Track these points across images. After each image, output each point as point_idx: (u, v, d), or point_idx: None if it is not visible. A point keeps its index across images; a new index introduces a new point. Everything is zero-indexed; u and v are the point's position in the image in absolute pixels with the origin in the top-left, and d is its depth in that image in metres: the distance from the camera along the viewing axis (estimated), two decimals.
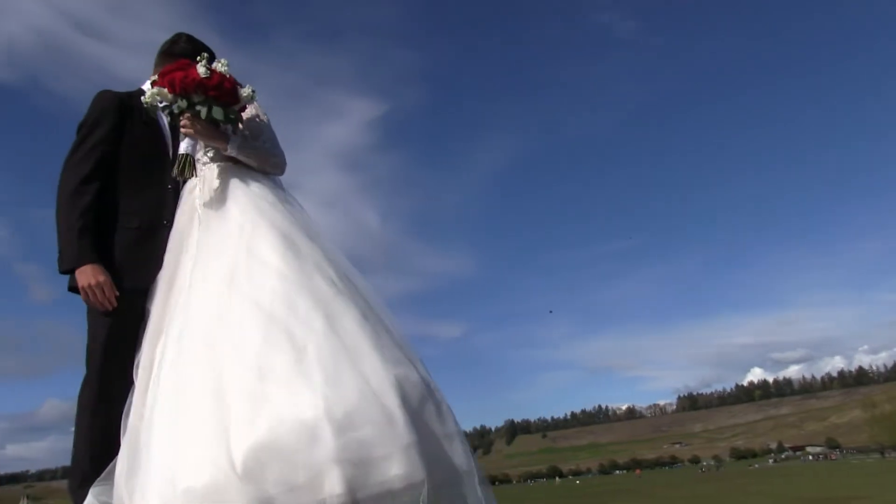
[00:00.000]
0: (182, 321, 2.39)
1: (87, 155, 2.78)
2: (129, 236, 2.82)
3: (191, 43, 3.09)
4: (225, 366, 2.12)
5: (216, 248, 2.51)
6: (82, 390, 2.69)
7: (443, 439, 2.13)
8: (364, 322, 2.28)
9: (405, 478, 1.91)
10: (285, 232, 2.52)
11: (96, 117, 2.85)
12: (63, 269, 2.68)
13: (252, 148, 2.81)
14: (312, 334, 2.16)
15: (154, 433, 2.15)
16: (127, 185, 2.85)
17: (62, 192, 2.74)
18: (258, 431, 1.92)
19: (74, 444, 2.66)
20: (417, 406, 2.10)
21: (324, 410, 1.92)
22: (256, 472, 1.88)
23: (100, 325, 2.70)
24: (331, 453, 1.87)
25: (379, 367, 2.10)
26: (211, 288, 2.39)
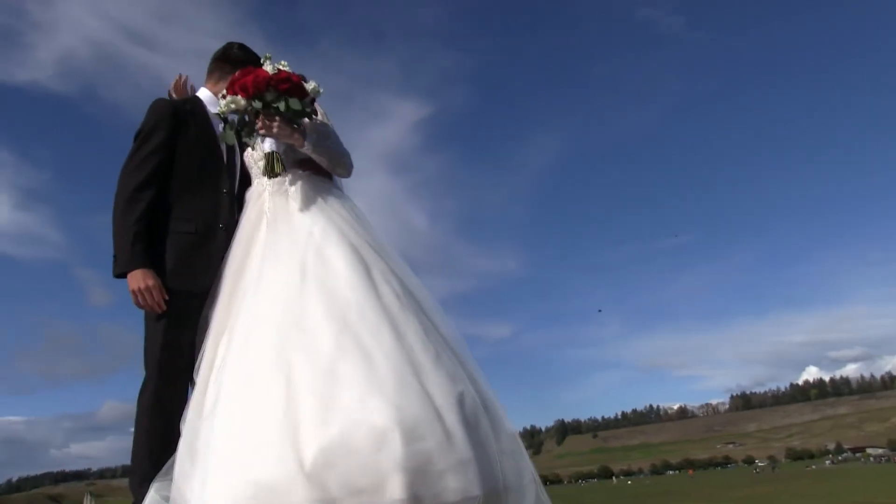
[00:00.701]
0: (249, 322, 2.44)
1: (143, 162, 2.86)
2: (185, 241, 2.87)
3: (243, 51, 3.19)
4: (296, 367, 2.18)
5: (285, 252, 2.56)
6: (142, 392, 2.76)
7: (498, 455, 2.19)
8: (426, 338, 2.36)
9: (461, 492, 1.99)
10: (354, 243, 2.58)
11: (152, 125, 2.92)
12: (116, 273, 2.76)
13: (325, 147, 2.86)
14: (381, 345, 2.23)
15: (219, 428, 2.21)
16: (182, 191, 2.92)
17: (118, 199, 2.82)
18: (329, 432, 1.99)
19: (134, 444, 2.74)
20: (475, 423, 2.17)
21: (395, 418, 1.99)
22: (323, 471, 1.94)
23: (156, 329, 2.78)
24: (397, 460, 1.93)
25: (441, 384, 2.19)
26: (281, 291, 2.44)
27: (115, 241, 2.80)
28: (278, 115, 2.74)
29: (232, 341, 2.47)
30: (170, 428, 2.64)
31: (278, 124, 2.75)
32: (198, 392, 2.50)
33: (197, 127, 3.02)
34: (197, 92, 3.21)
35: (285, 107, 2.71)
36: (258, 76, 2.70)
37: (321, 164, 2.89)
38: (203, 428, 2.33)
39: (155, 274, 2.75)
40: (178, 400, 2.71)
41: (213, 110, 3.06)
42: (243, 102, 2.71)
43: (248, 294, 2.54)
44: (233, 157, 3.11)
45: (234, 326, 2.48)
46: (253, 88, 2.69)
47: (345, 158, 2.95)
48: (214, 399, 2.35)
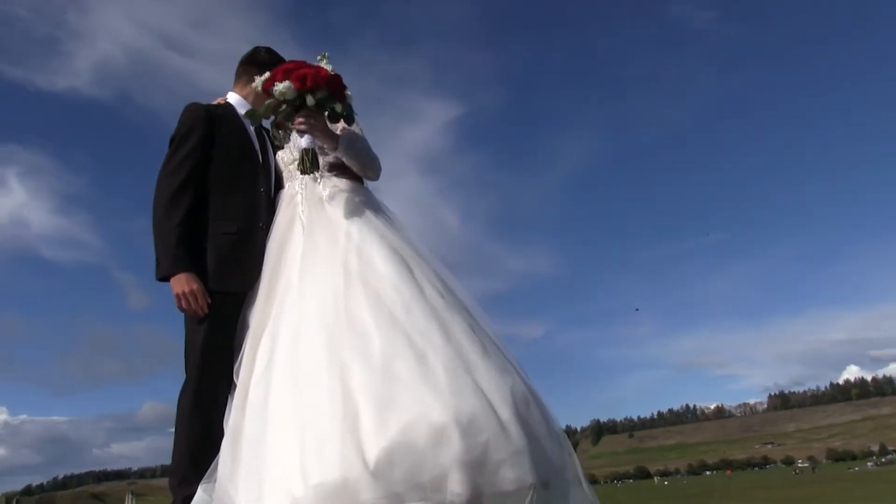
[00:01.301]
0: (296, 324, 2.45)
1: (179, 165, 2.89)
2: (225, 242, 2.89)
3: (270, 54, 3.22)
4: (350, 368, 2.20)
5: (325, 254, 2.57)
6: (182, 393, 2.78)
7: (547, 443, 2.26)
8: (472, 333, 2.41)
9: (517, 481, 2.04)
10: (393, 244, 2.60)
11: (187, 129, 2.95)
12: (159, 276, 2.79)
13: (356, 150, 2.87)
14: (430, 342, 2.27)
15: (272, 431, 2.23)
16: (220, 193, 2.94)
17: (158, 203, 2.85)
18: (390, 432, 2.01)
19: (175, 445, 2.76)
20: (525, 413, 2.21)
21: (452, 416, 2.02)
22: (387, 470, 1.97)
23: (197, 330, 2.80)
24: (456, 455, 1.98)
25: (491, 377, 2.23)
26: (327, 293, 2.45)
27: (156, 245, 2.82)
28: (326, 114, 2.76)
29: (277, 343, 2.45)
30: (209, 429, 2.68)
31: (320, 123, 2.77)
32: (239, 393, 2.52)
33: (230, 129, 3.04)
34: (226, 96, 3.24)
35: (337, 108, 2.72)
36: (319, 72, 2.69)
37: (351, 167, 2.92)
38: (248, 429, 2.35)
39: (197, 277, 2.78)
40: (218, 401, 2.74)
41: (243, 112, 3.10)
42: (294, 93, 2.70)
43: (290, 296, 2.55)
44: (267, 157, 3.12)
45: (278, 328, 2.50)
46: (311, 82, 2.67)
47: (374, 162, 2.97)
48: (262, 400, 2.36)
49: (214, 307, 2.79)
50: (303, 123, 2.74)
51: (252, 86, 2.94)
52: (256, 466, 2.22)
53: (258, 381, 2.44)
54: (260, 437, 2.27)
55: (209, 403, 2.74)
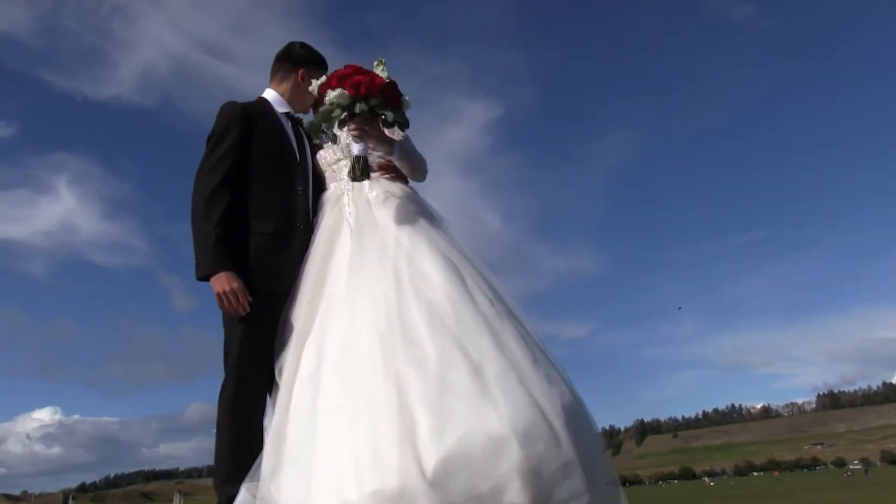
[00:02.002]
0: (348, 330, 2.43)
1: (217, 164, 2.87)
2: (264, 241, 2.87)
3: (305, 49, 3.22)
4: (406, 378, 2.19)
5: (375, 259, 2.55)
6: (221, 393, 2.78)
7: (594, 451, 2.30)
8: (524, 344, 2.39)
9: (569, 490, 2.05)
10: (443, 250, 2.59)
11: (224, 127, 2.92)
12: (199, 276, 2.77)
13: (407, 153, 2.88)
14: (484, 352, 2.26)
15: (323, 436, 2.23)
16: (258, 191, 2.93)
17: (196, 203, 2.84)
18: (448, 442, 2.01)
19: (217, 444, 2.77)
20: (574, 423, 2.21)
21: (509, 426, 2.03)
22: (444, 480, 1.97)
23: (235, 330, 2.79)
24: (514, 466, 1.98)
25: (542, 387, 2.23)
26: (379, 299, 2.43)
27: (196, 245, 2.80)
28: (380, 121, 2.74)
29: (326, 347, 2.44)
30: (249, 428, 2.71)
31: (375, 130, 2.75)
32: (282, 395, 2.52)
33: (268, 127, 3.02)
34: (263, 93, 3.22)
35: (390, 115, 2.70)
36: (373, 80, 2.67)
37: (402, 169, 2.92)
38: (293, 431, 2.37)
39: (238, 276, 2.75)
40: (257, 401, 2.76)
41: (281, 110, 3.11)
42: (349, 100, 2.66)
43: (338, 300, 2.54)
44: (304, 156, 3.10)
45: (326, 332, 2.49)
46: (365, 90, 2.65)
47: (423, 164, 3.00)
48: (310, 404, 2.36)
49: (252, 307, 2.77)
50: (356, 130, 2.71)
51: (308, 88, 2.96)
52: (303, 468, 2.23)
53: (304, 383, 2.44)
54: (308, 439, 2.27)
55: (248, 403, 2.75)
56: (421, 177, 3.02)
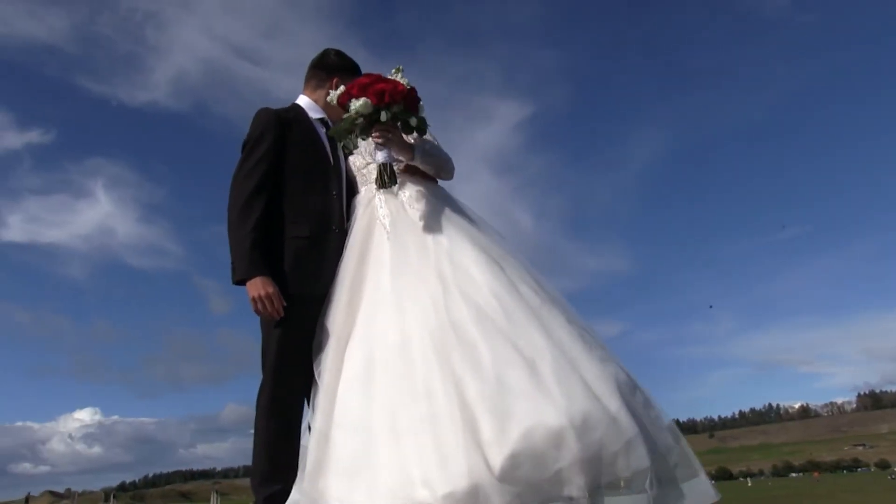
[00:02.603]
0: (398, 332, 2.46)
1: (253, 170, 2.91)
2: (299, 245, 2.90)
3: (339, 57, 3.27)
4: (463, 379, 2.24)
5: (417, 261, 2.59)
6: (259, 395, 2.81)
7: (654, 425, 2.33)
8: (571, 328, 2.46)
9: (632, 467, 2.12)
10: (482, 246, 2.63)
11: (259, 133, 2.97)
12: (235, 280, 2.81)
13: (430, 155, 2.92)
14: (535, 345, 2.32)
15: (382, 439, 2.26)
16: (294, 196, 2.96)
17: (232, 208, 2.88)
18: (511, 440, 2.08)
19: (254, 445, 2.80)
20: (630, 400, 2.28)
21: (567, 419, 2.09)
22: (512, 475, 2.05)
23: (272, 333, 2.82)
24: (574, 456, 2.06)
25: (595, 370, 2.30)
26: (426, 301, 2.47)
27: (232, 249, 2.84)
28: (401, 127, 2.80)
29: (375, 351, 2.46)
30: (287, 430, 2.75)
31: (397, 136, 2.81)
32: (324, 398, 2.53)
33: (302, 133, 3.07)
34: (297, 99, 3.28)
35: (412, 121, 2.77)
36: (396, 87, 2.73)
37: (427, 171, 2.96)
38: (339, 434, 2.40)
39: (273, 281, 2.79)
40: (295, 403, 2.79)
41: (315, 116, 3.16)
42: (372, 108, 2.73)
43: (382, 303, 2.56)
44: (338, 161, 3.14)
45: (373, 334, 2.52)
46: (389, 98, 2.72)
47: (448, 164, 3.02)
48: (361, 406, 2.39)
49: (290, 310, 2.80)
50: (380, 137, 2.78)
51: (327, 99, 3.01)
52: (361, 471, 2.25)
53: (352, 386, 2.46)
54: (364, 443, 2.30)
55: (286, 405, 2.78)
56: (448, 176, 3.05)
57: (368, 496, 2.18)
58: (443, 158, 3.00)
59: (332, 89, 3.09)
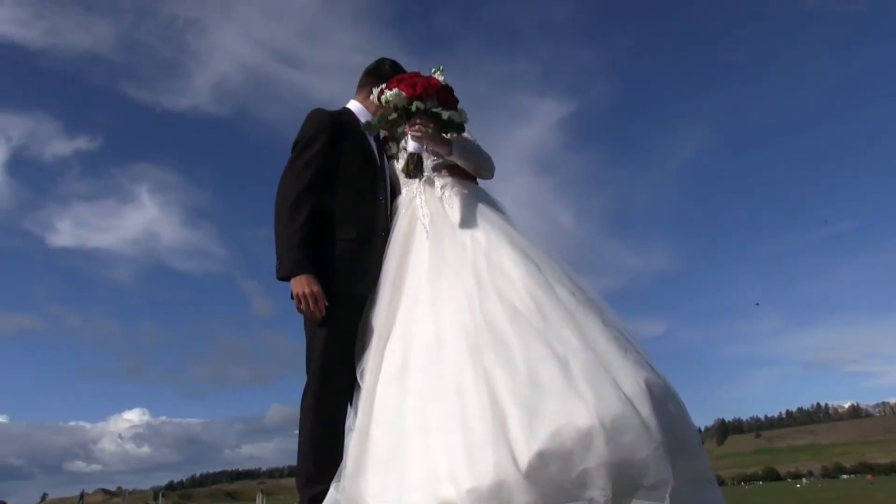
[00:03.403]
0: (432, 329, 2.48)
1: (303, 169, 2.94)
2: (346, 247, 2.93)
3: (394, 68, 3.30)
4: (494, 375, 2.23)
5: (454, 259, 2.62)
6: (304, 395, 2.83)
7: (684, 434, 2.29)
8: (607, 331, 2.43)
9: (658, 475, 2.07)
10: (520, 245, 2.63)
11: (311, 134, 3.01)
12: (280, 276, 2.84)
13: (469, 153, 2.94)
14: (569, 346, 2.30)
15: (413, 436, 2.28)
16: (342, 198, 2.98)
17: (281, 206, 2.90)
18: (540, 438, 2.06)
19: (299, 446, 2.82)
20: (663, 407, 2.23)
21: (597, 420, 2.07)
22: (538, 474, 2.03)
23: (317, 333, 2.84)
24: (602, 458, 2.03)
25: (629, 375, 2.25)
26: (461, 299, 2.49)
27: (278, 246, 2.87)
28: (434, 121, 2.84)
29: (410, 346, 2.49)
30: (332, 430, 2.76)
31: (432, 130, 2.85)
32: (365, 397, 2.56)
33: (353, 137, 3.10)
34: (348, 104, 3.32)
35: (446, 116, 2.82)
36: (430, 81, 2.82)
37: (466, 168, 2.98)
38: (378, 431, 2.42)
39: (318, 280, 2.81)
40: (339, 403, 2.80)
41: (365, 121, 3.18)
42: (405, 100, 2.80)
43: (420, 301, 2.59)
44: (384, 166, 3.19)
45: (410, 333, 2.54)
46: (421, 90, 2.79)
47: (488, 162, 3.05)
48: (397, 406, 2.41)
49: (334, 311, 2.82)
50: (415, 129, 2.83)
51: (369, 98, 3.07)
52: (394, 467, 2.27)
53: (389, 382, 2.49)
54: (397, 439, 2.32)
55: (330, 405, 2.80)
56: (488, 175, 3.07)
57: (399, 491, 2.19)
58: (482, 157, 3.02)
59: None
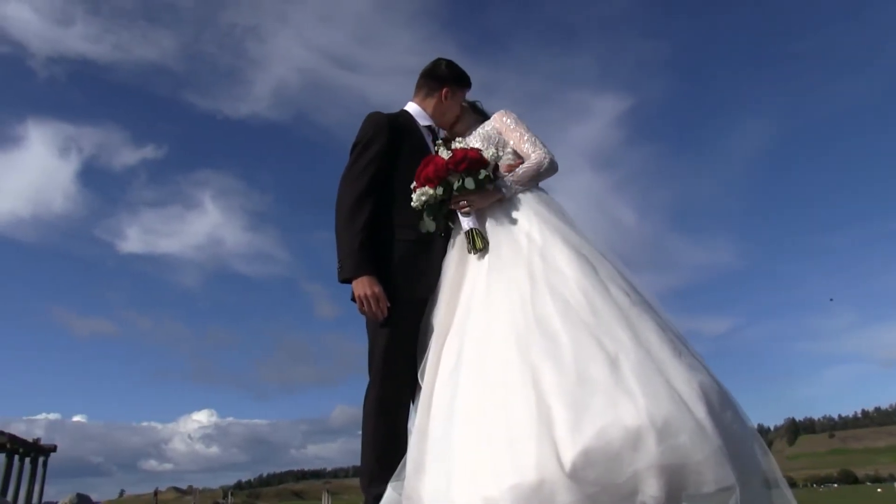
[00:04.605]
0: (484, 328, 2.50)
1: (362, 172, 2.98)
2: (406, 248, 2.96)
3: (450, 68, 3.32)
4: (542, 372, 2.21)
5: (509, 258, 2.64)
6: (366, 396, 2.87)
7: (743, 440, 2.20)
8: (661, 331, 2.37)
9: (718, 482, 1.98)
10: (574, 244, 2.62)
11: (370, 137, 3.05)
12: (341, 278, 2.88)
13: (520, 181, 2.94)
14: (620, 344, 2.25)
15: (461, 432, 2.27)
16: (402, 200, 2.97)
17: (341, 208, 2.95)
18: (585, 436, 2.00)
19: (363, 446, 2.86)
20: (720, 411, 2.15)
21: (647, 418, 2.00)
22: (582, 473, 1.96)
23: (379, 335, 2.88)
24: (652, 459, 1.95)
25: (683, 376, 2.18)
26: (514, 297, 2.49)
27: (339, 249, 2.91)
28: (467, 193, 2.87)
29: (464, 347, 2.50)
30: (394, 430, 2.78)
31: (474, 199, 2.87)
32: (424, 395, 2.59)
33: (411, 139, 3.13)
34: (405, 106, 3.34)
35: (471, 184, 2.84)
36: (437, 165, 2.86)
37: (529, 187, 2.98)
38: (434, 430, 2.43)
39: (379, 281, 2.84)
40: (402, 403, 2.83)
41: (423, 123, 3.22)
42: (432, 192, 2.86)
43: (475, 300, 2.62)
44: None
45: (465, 332, 2.56)
46: (435, 177, 2.84)
47: (540, 171, 2.99)
48: (448, 402, 2.42)
49: (396, 312, 2.86)
50: (459, 208, 2.88)
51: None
52: (443, 466, 2.26)
53: (445, 382, 2.51)
54: (447, 436, 2.32)
55: (393, 405, 2.83)
56: (547, 176, 3.05)
57: (448, 488, 2.18)
58: (532, 172, 2.98)
59: (443, 99, 3.24)
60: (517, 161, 3.03)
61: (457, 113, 3.32)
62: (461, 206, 2.87)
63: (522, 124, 3.11)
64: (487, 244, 2.81)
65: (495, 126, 3.14)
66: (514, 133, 3.08)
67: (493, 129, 3.14)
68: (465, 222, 2.87)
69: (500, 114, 3.17)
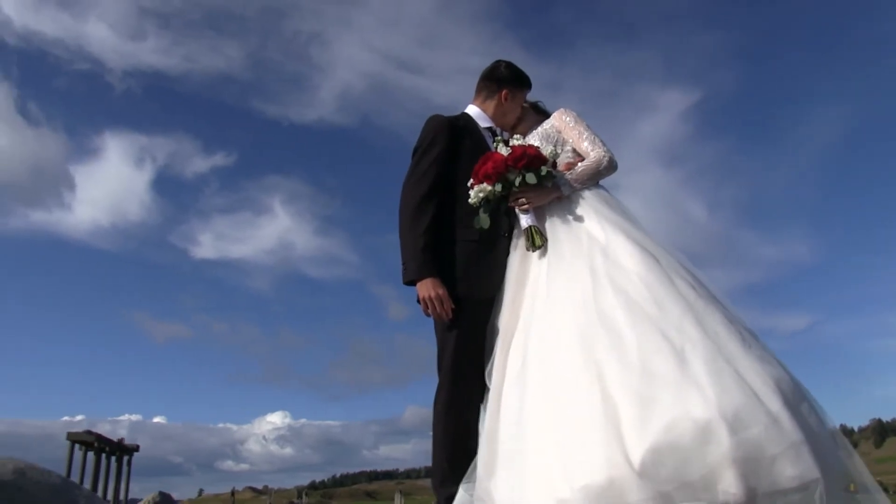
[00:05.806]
0: (548, 326, 2.48)
1: (424, 175, 3.00)
2: (470, 249, 2.97)
3: (509, 70, 3.31)
4: (607, 368, 2.18)
5: (570, 254, 2.62)
6: (436, 397, 2.89)
7: (825, 437, 2.12)
8: (729, 324, 2.31)
9: (798, 477, 1.90)
10: (637, 240, 2.58)
11: (431, 139, 3.07)
12: (406, 280, 2.91)
13: (579, 179, 2.92)
14: (686, 336, 2.20)
15: (530, 434, 2.26)
16: (463, 201, 2.98)
17: (404, 211, 2.98)
18: (653, 431, 1.96)
19: (433, 447, 2.88)
20: (796, 404, 2.07)
21: (717, 411, 1.94)
22: (653, 470, 1.92)
23: (447, 336, 2.90)
24: (726, 452, 1.89)
25: (754, 368, 2.11)
26: (576, 294, 2.47)
27: (403, 251, 2.95)
28: (527, 189, 2.86)
29: (529, 345, 2.49)
30: (464, 430, 2.78)
31: (532, 196, 2.86)
32: (492, 396, 2.59)
33: (472, 141, 3.14)
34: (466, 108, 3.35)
35: (532, 179, 2.82)
36: (496, 161, 2.85)
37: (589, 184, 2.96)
38: (503, 431, 2.42)
39: (443, 283, 2.86)
40: (471, 404, 2.83)
41: (483, 125, 3.24)
42: (490, 188, 2.86)
43: (538, 299, 2.60)
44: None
45: (529, 331, 2.55)
46: (494, 173, 2.84)
47: (600, 169, 2.96)
48: (517, 402, 2.41)
49: (463, 313, 2.87)
50: (518, 205, 2.88)
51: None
52: (515, 468, 2.25)
53: (512, 383, 2.50)
54: (516, 438, 2.31)
55: (462, 406, 2.83)
56: (607, 175, 3.02)
57: (521, 490, 2.17)
58: (591, 171, 2.95)
59: (503, 101, 3.26)
60: (576, 159, 3.02)
61: (517, 114, 3.33)
62: (520, 204, 2.87)
63: (582, 122, 3.08)
64: (546, 241, 2.78)
65: (554, 124, 3.13)
66: (573, 131, 3.07)
67: (553, 128, 3.13)
68: (523, 220, 2.87)
69: (559, 112, 3.15)
